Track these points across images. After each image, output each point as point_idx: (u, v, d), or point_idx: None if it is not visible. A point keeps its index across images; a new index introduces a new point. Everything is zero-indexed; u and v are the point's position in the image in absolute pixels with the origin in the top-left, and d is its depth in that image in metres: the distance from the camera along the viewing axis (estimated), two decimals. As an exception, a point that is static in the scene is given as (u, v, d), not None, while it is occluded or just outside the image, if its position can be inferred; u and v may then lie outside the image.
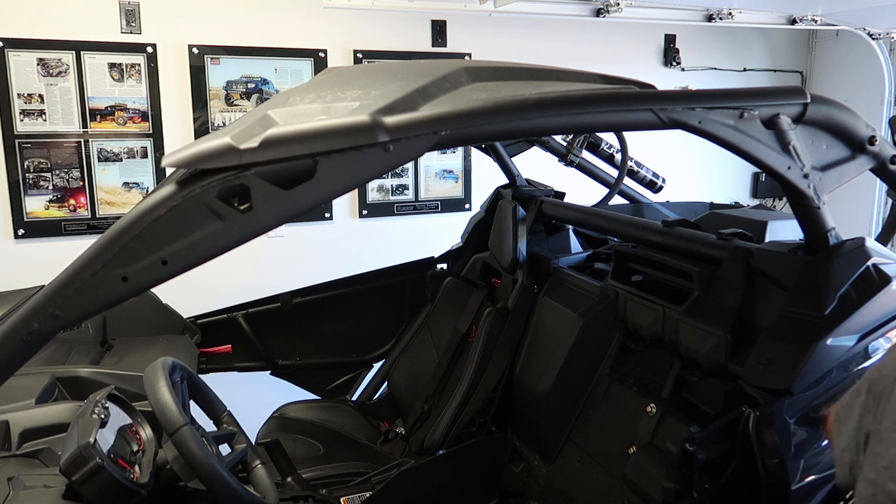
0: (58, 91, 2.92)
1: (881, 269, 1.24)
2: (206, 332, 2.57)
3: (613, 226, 2.04)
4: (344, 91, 1.04)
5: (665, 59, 4.01)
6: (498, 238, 2.37)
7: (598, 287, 1.90)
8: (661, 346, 1.61)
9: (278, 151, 0.86)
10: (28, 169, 2.92)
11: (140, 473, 1.36)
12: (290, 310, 2.65)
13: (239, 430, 1.69)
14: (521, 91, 1.03)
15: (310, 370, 2.73)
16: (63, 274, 0.91)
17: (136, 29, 3.00)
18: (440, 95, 1.00)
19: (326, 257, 3.37)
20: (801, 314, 1.24)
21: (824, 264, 1.24)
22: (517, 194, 2.42)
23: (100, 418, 1.32)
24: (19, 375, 1.05)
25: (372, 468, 2.12)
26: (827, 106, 1.19)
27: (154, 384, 1.43)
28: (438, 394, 2.35)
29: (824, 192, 1.20)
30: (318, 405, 2.63)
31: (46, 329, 0.91)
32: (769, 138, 1.13)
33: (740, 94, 1.12)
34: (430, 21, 3.49)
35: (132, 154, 3.07)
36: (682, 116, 1.07)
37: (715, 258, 1.51)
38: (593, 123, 1.08)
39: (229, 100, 3.18)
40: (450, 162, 3.63)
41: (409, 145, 0.92)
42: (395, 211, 3.56)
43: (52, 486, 1.27)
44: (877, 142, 1.23)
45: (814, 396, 1.22)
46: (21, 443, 1.52)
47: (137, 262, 0.88)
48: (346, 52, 3.35)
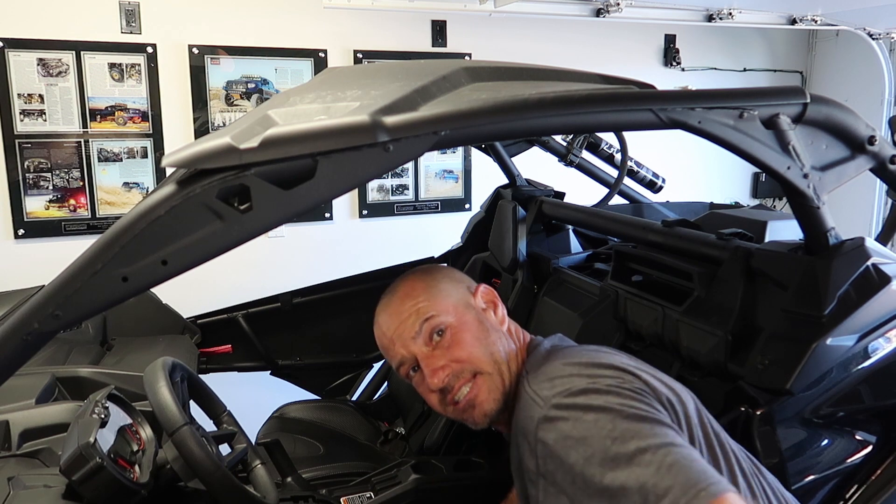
0: (58, 91, 2.92)
1: (881, 269, 1.24)
2: (206, 332, 2.56)
3: (613, 226, 2.04)
4: (344, 91, 1.04)
5: (665, 59, 4.01)
6: (498, 238, 2.37)
7: (598, 287, 1.90)
8: (661, 346, 1.61)
9: (278, 151, 0.86)
10: (28, 169, 2.92)
11: (140, 473, 1.36)
12: (290, 310, 2.65)
13: (239, 430, 1.69)
14: (521, 91, 1.03)
15: (310, 370, 2.73)
16: (63, 274, 0.91)
17: (136, 29, 3.01)
18: (440, 95, 1.00)
19: (326, 257, 3.37)
20: (800, 314, 1.24)
21: (824, 264, 1.23)
22: (517, 194, 2.42)
23: (100, 418, 1.32)
24: (19, 375, 1.05)
25: (372, 468, 2.12)
26: (827, 106, 1.19)
27: (154, 384, 1.43)
28: (438, 394, 2.34)
29: (824, 192, 1.20)
30: (318, 405, 2.62)
31: (46, 329, 0.91)
32: (769, 138, 1.13)
33: (740, 94, 1.12)
34: (430, 21, 3.49)
35: (132, 154, 3.07)
36: (681, 116, 1.07)
37: (715, 258, 1.51)
38: (593, 123, 1.08)
39: (229, 100, 3.18)
40: (450, 162, 3.64)
41: (409, 145, 0.92)
42: (395, 211, 3.56)
43: (52, 486, 1.27)
44: (876, 142, 1.23)
45: (814, 396, 1.22)
46: (21, 443, 1.52)
47: (137, 262, 0.88)
48: (346, 52, 3.35)
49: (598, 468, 0.91)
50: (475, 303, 1.22)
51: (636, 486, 0.88)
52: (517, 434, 1.09)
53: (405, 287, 1.22)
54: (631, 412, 0.95)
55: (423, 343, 1.16)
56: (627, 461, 0.90)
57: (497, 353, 1.17)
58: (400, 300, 1.20)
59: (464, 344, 1.15)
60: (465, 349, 1.15)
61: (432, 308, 1.17)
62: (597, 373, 1.03)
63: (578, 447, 0.94)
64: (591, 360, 1.08)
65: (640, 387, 1.01)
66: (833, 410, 1.24)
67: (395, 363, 1.21)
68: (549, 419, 0.99)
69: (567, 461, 0.95)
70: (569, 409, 0.98)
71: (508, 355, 1.18)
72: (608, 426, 0.94)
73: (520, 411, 1.09)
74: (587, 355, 1.11)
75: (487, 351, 1.16)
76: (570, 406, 0.98)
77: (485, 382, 1.15)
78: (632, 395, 0.98)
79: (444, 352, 1.15)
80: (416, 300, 1.18)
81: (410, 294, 1.20)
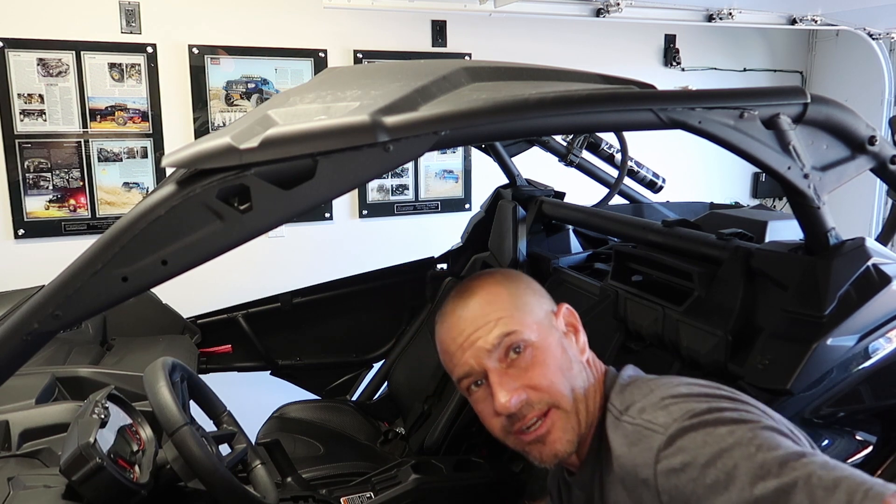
0: (58, 91, 2.92)
1: (881, 269, 1.24)
2: (206, 332, 2.56)
3: (613, 226, 2.04)
4: (344, 91, 1.04)
5: (665, 59, 4.01)
6: (498, 238, 2.37)
7: (598, 287, 1.90)
8: (661, 346, 1.61)
9: (278, 151, 0.86)
10: (28, 169, 2.92)
11: (140, 473, 1.36)
12: (290, 310, 2.65)
13: (239, 430, 1.69)
14: (521, 91, 1.03)
15: (310, 370, 2.73)
16: (63, 274, 0.91)
17: (136, 29, 3.01)
18: (440, 95, 0.99)
19: (326, 257, 3.37)
20: (801, 314, 1.24)
21: (824, 264, 1.23)
22: (517, 194, 2.42)
23: (100, 418, 1.32)
24: (19, 375, 1.05)
25: (372, 468, 2.12)
26: (827, 106, 1.19)
27: (154, 384, 1.43)
28: (438, 394, 2.34)
29: (824, 192, 1.20)
30: (318, 405, 2.63)
31: (46, 329, 0.91)
32: (769, 138, 1.13)
33: (740, 94, 1.12)
34: (430, 21, 3.49)
35: (132, 154, 3.07)
36: (682, 116, 1.07)
37: (715, 258, 1.51)
38: (593, 123, 1.08)
39: (229, 100, 3.18)
40: (450, 162, 3.63)
41: (409, 145, 0.92)
42: (395, 211, 3.56)
43: (52, 486, 1.27)
44: (877, 142, 1.23)
45: (814, 397, 1.22)
46: (21, 443, 1.52)
47: (137, 262, 0.88)
48: (346, 52, 3.35)
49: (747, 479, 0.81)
50: (557, 324, 1.08)
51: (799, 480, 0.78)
52: (618, 477, 0.97)
53: (486, 292, 1.07)
54: (767, 423, 0.87)
55: (497, 359, 1.02)
56: (779, 467, 0.80)
57: (577, 388, 1.03)
58: (480, 305, 1.05)
59: (545, 370, 1.01)
60: (546, 377, 1.01)
61: (516, 322, 1.02)
62: (714, 392, 0.94)
63: (717, 462, 0.83)
64: (700, 385, 0.98)
65: (762, 407, 0.93)
66: (833, 411, 1.24)
67: (457, 373, 1.06)
68: (673, 442, 0.88)
69: (705, 481, 0.84)
70: (697, 428, 0.87)
71: (587, 391, 1.05)
72: (748, 435, 0.84)
73: (622, 448, 0.96)
74: (692, 382, 0.99)
75: (568, 385, 1.02)
76: (698, 424, 0.88)
77: (559, 420, 1.01)
78: (759, 413, 0.91)
79: (520, 373, 1.01)
80: (499, 309, 1.04)
81: (493, 301, 1.05)
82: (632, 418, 0.96)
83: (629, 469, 0.94)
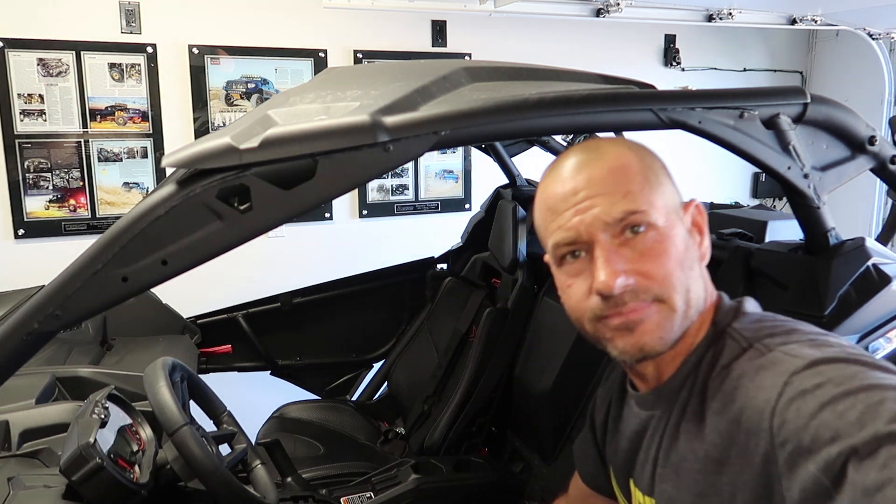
0: (58, 91, 2.92)
1: (881, 269, 1.24)
2: (206, 332, 2.57)
3: (613, 226, 2.03)
4: (344, 91, 1.04)
5: (665, 59, 4.01)
6: (498, 238, 2.37)
7: (597, 287, 1.90)
8: (661, 346, 1.61)
9: (278, 151, 0.86)
10: (28, 169, 2.92)
11: (140, 473, 1.36)
12: (290, 310, 2.65)
13: (239, 430, 1.69)
14: (521, 91, 1.03)
15: (310, 370, 2.74)
16: (63, 274, 0.91)
17: (136, 29, 3.01)
18: (440, 95, 1.00)
19: (326, 257, 3.37)
20: (801, 314, 1.23)
21: (824, 264, 1.24)
22: (517, 194, 2.43)
23: (100, 418, 1.32)
24: (19, 375, 1.05)
25: (372, 468, 2.12)
26: (827, 106, 1.19)
27: (154, 384, 1.43)
28: (438, 394, 2.35)
29: (824, 192, 1.20)
30: (318, 405, 2.63)
31: (46, 329, 0.91)
32: (769, 138, 1.13)
33: (740, 94, 1.13)
34: (430, 21, 3.49)
35: (132, 154, 3.07)
36: (682, 116, 1.07)
37: (715, 258, 1.50)
38: (593, 123, 1.09)
39: (229, 100, 3.18)
40: (450, 162, 3.63)
41: (409, 145, 0.92)
42: (395, 211, 3.56)
43: (52, 486, 1.27)
44: (877, 142, 1.23)
45: (814, 396, 1.22)
46: (21, 443, 1.52)
47: (137, 262, 0.89)
48: (346, 52, 3.35)
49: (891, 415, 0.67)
50: (685, 219, 0.91)
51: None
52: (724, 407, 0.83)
53: (618, 156, 0.89)
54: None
55: (612, 234, 0.85)
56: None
57: (692, 293, 0.87)
58: (610, 170, 0.87)
59: (663, 259, 0.85)
60: (664, 266, 0.85)
61: (645, 201, 0.85)
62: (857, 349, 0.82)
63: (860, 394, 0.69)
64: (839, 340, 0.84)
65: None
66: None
67: (557, 237, 0.89)
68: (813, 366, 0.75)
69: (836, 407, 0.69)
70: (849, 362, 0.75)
71: (698, 303, 0.89)
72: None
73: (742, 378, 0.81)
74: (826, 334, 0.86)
75: (684, 284, 0.86)
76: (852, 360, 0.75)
77: (661, 313, 0.85)
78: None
79: (634, 255, 0.85)
80: (629, 181, 0.86)
81: (624, 170, 0.87)
82: (766, 347, 0.83)
83: (749, 397, 0.79)
